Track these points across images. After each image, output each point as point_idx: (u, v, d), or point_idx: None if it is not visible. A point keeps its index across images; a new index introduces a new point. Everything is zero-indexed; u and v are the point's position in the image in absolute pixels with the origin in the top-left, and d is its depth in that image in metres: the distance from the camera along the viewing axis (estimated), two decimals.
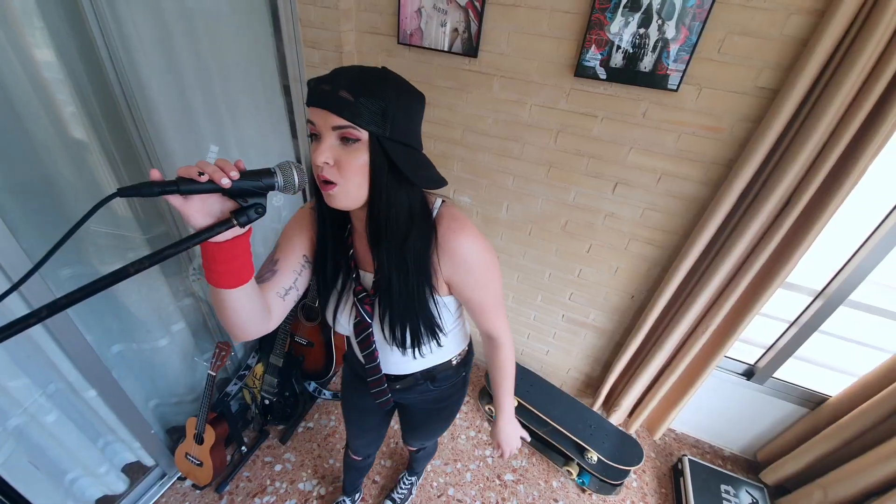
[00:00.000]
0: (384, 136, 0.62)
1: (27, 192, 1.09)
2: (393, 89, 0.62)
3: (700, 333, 1.55)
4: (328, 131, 0.61)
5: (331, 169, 0.63)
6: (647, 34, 1.21)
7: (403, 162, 0.64)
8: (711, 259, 1.42)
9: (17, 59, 0.97)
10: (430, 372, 0.99)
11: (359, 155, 0.62)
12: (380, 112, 0.60)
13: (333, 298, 0.84)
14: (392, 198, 0.67)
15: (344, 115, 0.59)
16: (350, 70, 0.62)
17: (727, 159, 1.30)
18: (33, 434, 1.20)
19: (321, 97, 0.60)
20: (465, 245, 0.73)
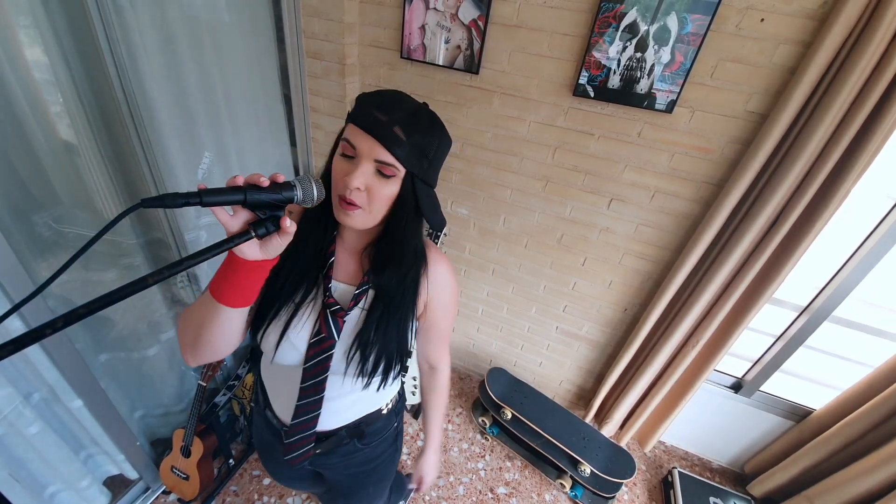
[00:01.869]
0: (417, 176, 0.63)
1: (18, 198, 1.06)
2: (438, 132, 0.64)
3: (690, 347, 1.59)
4: (369, 160, 0.60)
5: (360, 194, 0.62)
6: (643, 58, 1.26)
7: (426, 202, 0.66)
8: (702, 275, 1.47)
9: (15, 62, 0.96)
10: (358, 426, 0.87)
11: (390, 187, 0.63)
12: (423, 153, 0.62)
13: (285, 312, 0.71)
14: (408, 231, 0.69)
15: (394, 151, 0.59)
16: (404, 103, 0.62)
17: (718, 179, 1.35)
18: (14, 445, 1.15)
19: (374, 126, 0.59)
20: (448, 272, 0.81)
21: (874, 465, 1.40)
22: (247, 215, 0.57)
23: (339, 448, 0.88)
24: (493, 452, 1.95)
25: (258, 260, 0.56)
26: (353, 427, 0.86)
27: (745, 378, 1.81)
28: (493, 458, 1.93)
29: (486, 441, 1.99)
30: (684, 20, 1.17)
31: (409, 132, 0.60)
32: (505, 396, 1.88)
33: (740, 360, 1.81)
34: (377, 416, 0.89)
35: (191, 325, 0.63)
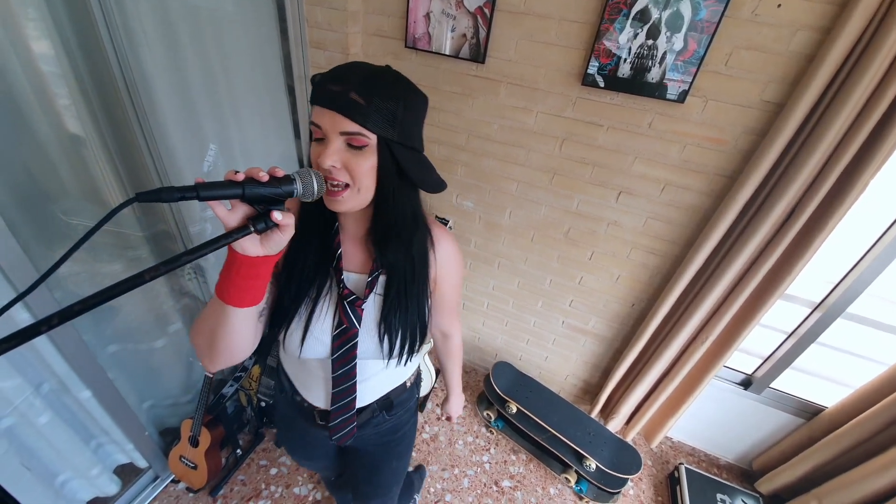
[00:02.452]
0: (393, 140, 0.60)
1: (25, 190, 1.06)
2: (402, 91, 0.61)
3: (699, 343, 1.56)
4: (335, 135, 0.58)
5: (340, 171, 0.60)
6: (654, 46, 1.22)
7: (410, 166, 0.64)
8: (713, 269, 1.43)
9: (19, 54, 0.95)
10: (388, 398, 0.91)
11: (367, 158, 0.60)
12: (390, 115, 0.58)
13: (305, 308, 0.72)
14: (399, 200, 0.67)
15: (356, 118, 0.56)
16: (359, 68, 0.59)
17: (731, 171, 1.32)
18: (25, 435, 1.17)
19: (330, 98, 0.57)
20: (454, 245, 0.83)
21: (886, 464, 1.37)
22: (246, 210, 0.56)
23: (371, 420, 0.92)
24: (497, 446, 1.95)
25: (260, 256, 0.55)
26: (382, 400, 0.91)
27: (755, 375, 1.78)
28: (498, 452, 1.93)
29: (491, 434, 1.99)
30: (698, 6, 1.13)
31: (368, 96, 0.56)
32: (510, 390, 1.87)
33: (750, 357, 1.77)
34: (402, 388, 0.95)
35: (203, 332, 0.63)
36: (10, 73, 0.95)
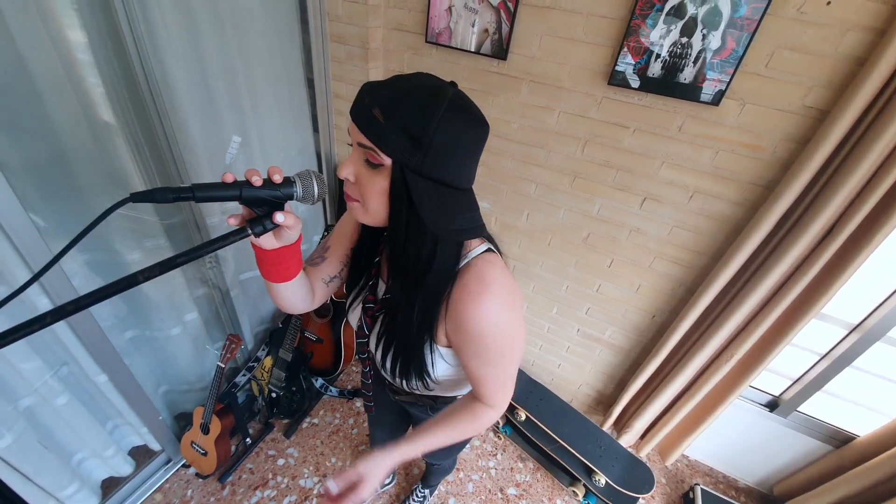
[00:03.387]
0: (409, 168, 0.53)
1: (46, 175, 1.09)
2: (440, 116, 0.51)
3: (724, 361, 1.48)
4: (356, 146, 0.57)
5: (351, 185, 0.60)
6: (689, 44, 1.14)
7: (425, 203, 0.55)
8: (743, 284, 1.35)
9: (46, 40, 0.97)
10: (432, 398, 0.93)
11: (379, 179, 0.56)
12: (410, 140, 0.52)
13: (353, 295, 0.82)
14: (412, 236, 0.59)
15: (369, 136, 0.53)
16: (399, 82, 0.54)
17: (767, 180, 1.23)
18: (44, 415, 1.22)
19: (357, 108, 0.54)
20: (475, 316, 0.62)
21: None
22: (246, 212, 0.55)
23: (417, 404, 0.97)
24: (504, 452, 1.92)
25: (275, 248, 0.59)
26: (427, 396, 0.92)
27: (782, 396, 1.68)
28: (505, 458, 1.89)
29: (499, 440, 1.96)
30: (738, 2, 1.04)
31: (390, 114, 0.51)
32: (520, 397, 1.83)
33: (778, 377, 1.67)
34: (451, 401, 0.93)
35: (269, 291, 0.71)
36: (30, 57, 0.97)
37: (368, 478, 0.68)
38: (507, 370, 0.70)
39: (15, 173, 0.98)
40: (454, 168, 0.56)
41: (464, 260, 0.64)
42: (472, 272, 0.63)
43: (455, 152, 0.55)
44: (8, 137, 0.97)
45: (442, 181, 0.56)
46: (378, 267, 0.77)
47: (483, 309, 0.61)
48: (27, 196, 1.02)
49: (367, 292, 0.78)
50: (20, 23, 0.91)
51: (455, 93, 0.55)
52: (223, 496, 1.63)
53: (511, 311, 0.64)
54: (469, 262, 0.64)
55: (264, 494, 1.66)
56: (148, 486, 1.60)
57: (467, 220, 0.61)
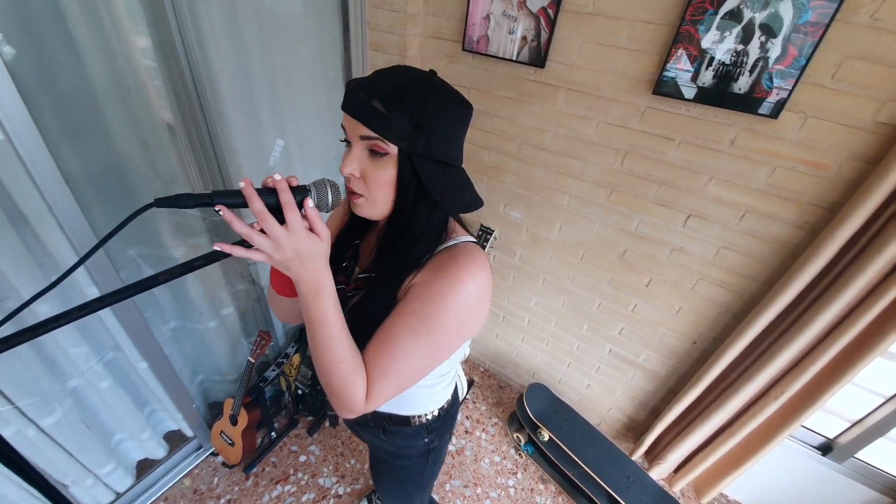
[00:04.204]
0: (415, 153, 0.57)
1: (103, 177, 1.17)
2: (434, 101, 0.56)
3: (773, 397, 1.34)
4: (356, 140, 0.58)
5: (357, 181, 0.60)
6: (745, 51, 1.05)
7: (433, 181, 0.59)
8: (799, 315, 1.22)
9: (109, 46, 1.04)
10: (381, 418, 0.84)
11: (386, 169, 0.58)
12: (413, 127, 0.55)
13: None
14: (413, 214, 0.62)
15: (373, 126, 0.55)
16: (391, 76, 0.57)
17: (830, 202, 1.10)
18: (88, 397, 1.31)
19: (354, 105, 0.56)
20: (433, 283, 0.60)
21: None
22: None
23: (366, 426, 0.88)
24: (525, 471, 1.85)
25: None
26: (377, 415, 0.85)
27: (837, 440, 1.50)
28: (525, 478, 1.82)
29: (520, 458, 1.89)
30: (802, 7, 0.95)
31: (390, 103, 0.54)
32: (543, 416, 1.76)
33: (834, 418, 1.50)
34: (404, 421, 0.85)
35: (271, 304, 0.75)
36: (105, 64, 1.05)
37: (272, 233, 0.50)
38: (415, 355, 0.61)
39: (73, 175, 1.06)
40: (451, 147, 0.61)
41: (449, 241, 0.66)
42: (449, 254, 0.63)
43: (450, 134, 0.59)
44: (66, 138, 1.05)
45: (444, 161, 0.60)
46: (356, 250, 0.77)
47: (444, 281, 0.60)
48: (82, 192, 1.10)
49: (339, 274, 0.74)
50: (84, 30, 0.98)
51: (439, 79, 0.59)
52: (246, 487, 1.69)
53: (469, 302, 0.61)
54: (452, 244, 0.65)
55: (284, 489, 1.70)
56: (179, 470, 1.68)
57: (469, 193, 0.64)
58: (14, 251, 1.01)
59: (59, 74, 0.98)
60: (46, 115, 0.97)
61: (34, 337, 0.47)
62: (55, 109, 1.00)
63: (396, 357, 0.60)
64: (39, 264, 1.07)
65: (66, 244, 1.06)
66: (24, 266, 1.04)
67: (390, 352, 0.61)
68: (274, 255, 0.51)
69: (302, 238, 0.52)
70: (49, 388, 1.17)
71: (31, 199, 0.98)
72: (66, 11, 0.94)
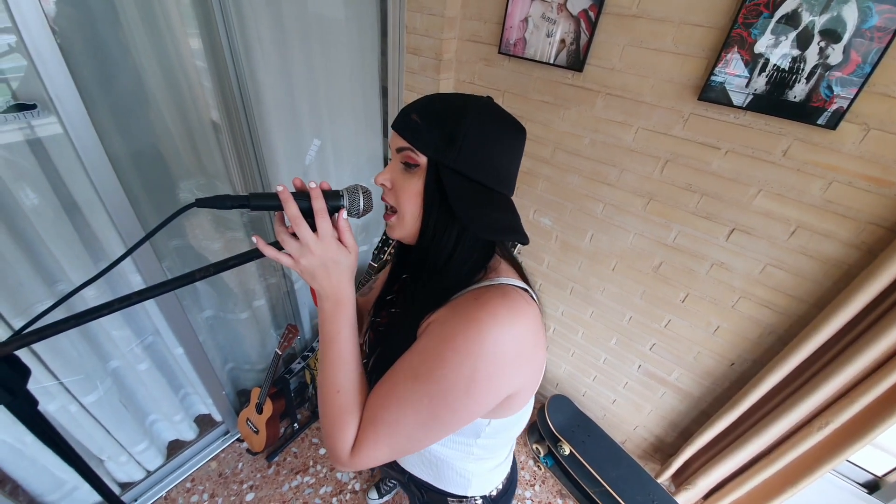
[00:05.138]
0: (443, 164, 0.54)
1: (150, 171, 1.23)
2: (472, 116, 0.53)
3: (816, 428, 1.25)
4: (394, 153, 0.59)
5: (389, 192, 0.61)
6: (802, 57, 0.98)
7: (458, 196, 0.53)
8: (851, 340, 1.13)
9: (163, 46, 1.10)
10: (416, 485, 0.78)
11: (415, 181, 0.57)
12: (445, 137, 0.53)
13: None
14: (438, 236, 0.56)
15: (405, 136, 0.56)
16: (439, 97, 0.58)
17: (892, 221, 1.01)
18: (127, 377, 1.38)
19: (397, 119, 0.58)
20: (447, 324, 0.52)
21: None
22: None
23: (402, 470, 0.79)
24: (544, 484, 1.81)
25: None
26: (416, 480, 0.77)
27: (886, 478, 1.38)
28: (543, 491, 1.78)
29: (539, 470, 1.85)
30: (867, 10, 0.87)
31: (426, 116, 0.54)
32: (565, 430, 1.71)
33: (884, 454, 1.38)
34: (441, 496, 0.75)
35: None
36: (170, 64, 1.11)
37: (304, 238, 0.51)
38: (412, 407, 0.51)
39: (123, 168, 1.12)
40: (488, 168, 0.55)
41: (486, 282, 0.57)
42: (481, 291, 0.55)
43: (487, 151, 0.55)
44: (119, 134, 1.11)
45: (477, 180, 0.55)
46: (403, 285, 0.72)
47: (458, 320, 0.51)
48: (131, 185, 1.16)
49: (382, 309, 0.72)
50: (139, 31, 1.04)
51: (488, 99, 0.57)
52: (268, 474, 1.73)
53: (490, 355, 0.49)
54: (491, 285, 0.56)
55: (304, 480, 1.73)
56: (207, 453, 1.75)
57: (504, 219, 0.56)
58: (67, 238, 1.08)
59: (114, 73, 1.05)
60: (101, 110, 1.04)
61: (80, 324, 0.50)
62: (109, 106, 1.06)
63: (390, 402, 0.52)
64: (89, 251, 1.14)
65: (115, 233, 1.13)
66: (76, 252, 1.11)
67: (385, 394, 0.53)
68: (301, 259, 0.52)
69: (331, 246, 0.52)
70: (92, 367, 1.25)
71: (84, 189, 1.05)
72: (122, 14, 1.00)
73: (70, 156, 0.98)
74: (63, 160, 1.00)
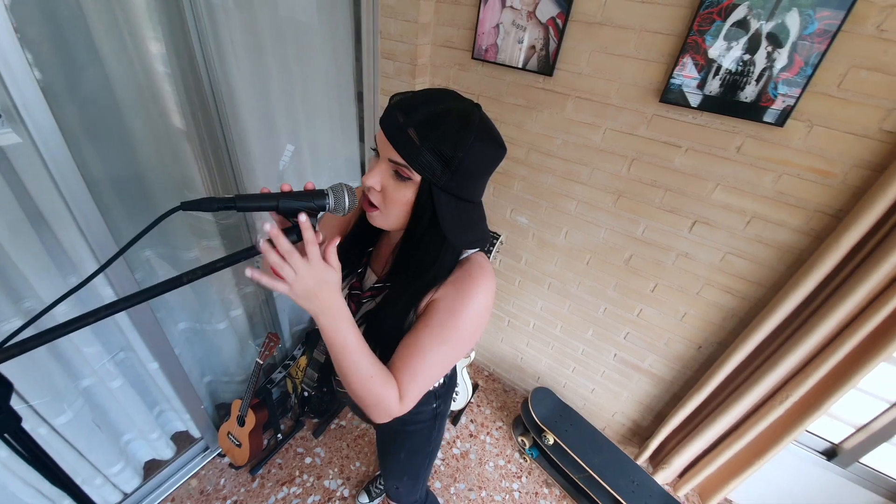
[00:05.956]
0: (437, 185, 0.59)
1: (121, 180, 1.19)
2: (469, 141, 0.56)
3: (778, 402, 1.35)
4: (385, 160, 0.60)
5: (376, 194, 0.63)
6: (752, 61, 1.07)
7: (447, 216, 0.61)
8: (804, 320, 1.23)
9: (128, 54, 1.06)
10: None
11: (405, 191, 0.60)
12: (442, 162, 0.56)
13: None
14: (424, 246, 0.65)
15: (403, 154, 0.57)
16: (433, 102, 0.57)
17: (836, 209, 1.12)
18: (99, 396, 1.32)
19: (390, 126, 0.58)
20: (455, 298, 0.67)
21: None
22: (280, 222, 0.59)
23: None
24: (530, 475, 1.85)
25: None
26: None
27: (842, 445, 1.51)
28: (530, 482, 1.83)
29: (525, 462, 1.89)
30: (809, 17, 0.97)
31: (425, 136, 0.55)
32: (548, 420, 1.77)
33: (839, 424, 1.51)
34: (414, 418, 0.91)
35: None
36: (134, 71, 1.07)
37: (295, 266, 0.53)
38: (440, 360, 0.68)
39: (92, 177, 1.08)
40: (474, 185, 0.62)
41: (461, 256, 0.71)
42: (464, 269, 0.69)
43: (477, 173, 0.61)
44: (88, 141, 1.07)
45: (462, 197, 0.62)
46: (369, 257, 0.80)
47: (463, 296, 0.67)
48: (101, 195, 1.12)
49: (353, 279, 0.80)
50: (104, 35, 1.01)
51: (481, 117, 0.60)
52: (252, 488, 1.69)
53: (482, 311, 0.69)
54: (468, 257, 0.71)
55: (290, 491, 1.70)
56: (186, 472, 1.69)
57: (478, 231, 0.68)
58: (33, 252, 1.03)
59: (81, 79, 1.01)
60: (69, 118, 1.00)
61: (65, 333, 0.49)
62: (77, 113, 1.02)
63: (426, 364, 0.68)
64: (58, 265, 1.09)
65: (85, 245, 1.08)
66: (43, 266, 1.06)
67: (420, 361, 0.67)
68: (295, 285, 0.54)
69: (319, 268, 0.55)
70: (62, 386, 1.18)
71: (51, 200, 1.00)
72: (90, 18, 0.97)
73: (36, 165, 0.93)
74: (28, 169, 0.95)
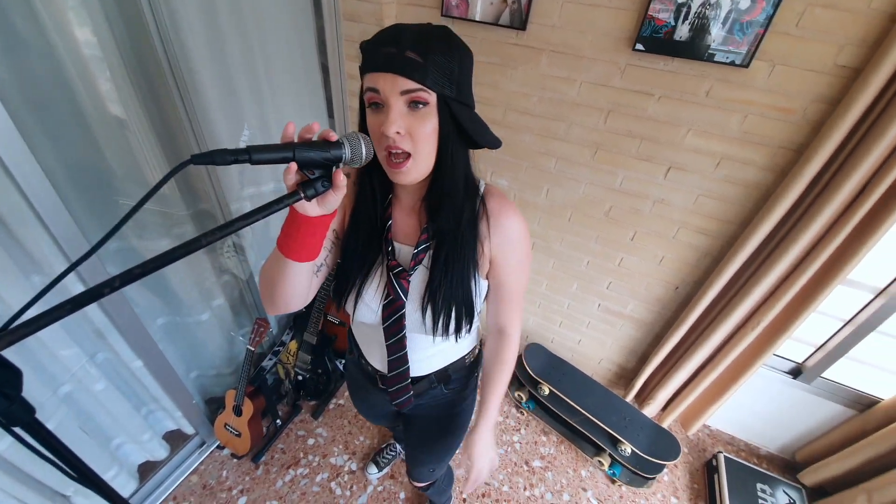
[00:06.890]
0: (451, 98, 0.59)
1: (79, 170, 1.09)
2: (455, 46, 0.60)
3: (749, 330, 1.48)
4: (395, 97, 0.57)
5: (403, 138, 0.59)
6: (717, 4, 1.11)
7: (469, 124, 0.62)
8: (770, 252, 1.34)
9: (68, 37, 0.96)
10: (445, 372, 0.91)
11: (428, 120, 0.59)
12: (447, 72, 0.57)
13: (359, 277, 0.75)
14: (456, 163, 0.66)
15: (414, 77, 0.55)
16: (407, 28, 0.57)
17: (798, 144, 1.21)
18: (83, 401, 1.24)
19: (386, 60, 0.56)
20: (517, 223, 0.74)
21: None
22: (299, 175, 0.55)
23: (430, 391, 0.94)
24: (528, 427, 1.95)
25: (318, 216, 0.57)
26: (440, 372, 0.91)
27: (805, 364, 1.68)
28: (529, 433, 1.92)
29: (522, 415, 1.98)
30: None
31: (424, 53, 0.56)
32: (543, 372, 1.85)
33: (802, 345, 1.68)
34: (461, 364, 0.93)
35: (266, 280, 0.68)
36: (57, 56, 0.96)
37: (477, 462, 0.86)
38: (527, 279, 0.82)
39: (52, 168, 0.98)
40: (469, 90, 0.64)
41: (480, 188, 0.75)
42: (494, 195, 0.75)
43: (468, 77, 0.63)
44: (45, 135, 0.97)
45: (468, 104, 0.64)
46: (391, 231, 0.75)
47: (518, 218, 0.74)
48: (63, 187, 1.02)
49: (385, 260, 0.74)
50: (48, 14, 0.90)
51: (449, 29, 0.62)
52: (257, 475, 1.68)
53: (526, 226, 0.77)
54: (485, 188, 0.75)
55: (297, 472, 1.70)
56: (184, 469, 1.64)
57: (491, 132, 0.69)
58: None
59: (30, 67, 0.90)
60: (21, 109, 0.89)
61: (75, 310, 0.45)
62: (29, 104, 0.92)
63: (521, 299, 0.82)
64: (18, 264, 0.99)
65: (49, 240, 0.99)
66: (2, 266, 0.96)
67: (519, 300, 0.82)
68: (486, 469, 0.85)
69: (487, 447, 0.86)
70: (40, 396, 1.10)
71: (8, 195, 0.90)
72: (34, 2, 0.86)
73: None
74: None
